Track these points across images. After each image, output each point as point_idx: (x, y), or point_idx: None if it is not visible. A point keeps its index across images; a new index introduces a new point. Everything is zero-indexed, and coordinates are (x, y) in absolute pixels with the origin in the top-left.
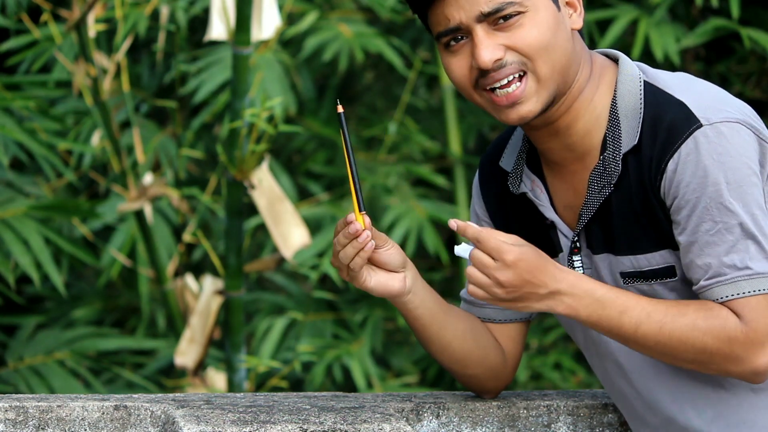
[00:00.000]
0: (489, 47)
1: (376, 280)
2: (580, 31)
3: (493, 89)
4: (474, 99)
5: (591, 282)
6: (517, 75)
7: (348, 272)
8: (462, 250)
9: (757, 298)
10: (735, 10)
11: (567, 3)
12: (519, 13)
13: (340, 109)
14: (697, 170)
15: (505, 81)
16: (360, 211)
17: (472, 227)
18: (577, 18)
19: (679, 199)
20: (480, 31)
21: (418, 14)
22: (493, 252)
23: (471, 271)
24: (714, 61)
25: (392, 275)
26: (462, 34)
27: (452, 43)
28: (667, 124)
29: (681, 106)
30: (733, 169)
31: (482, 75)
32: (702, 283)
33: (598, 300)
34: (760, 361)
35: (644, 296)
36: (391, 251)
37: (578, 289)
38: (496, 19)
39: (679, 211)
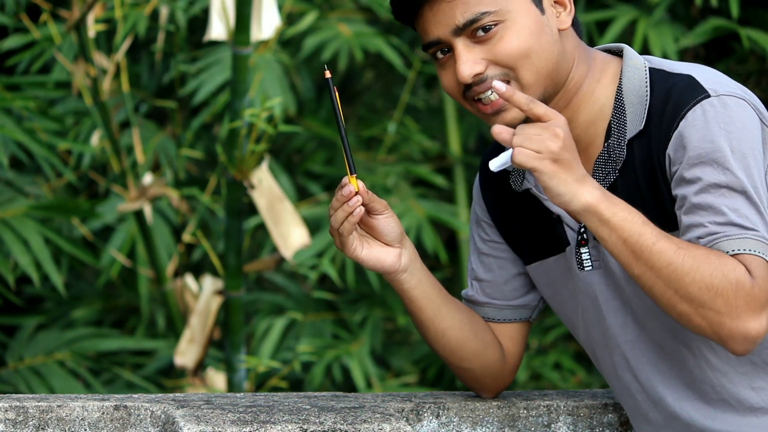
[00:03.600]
0: (468, 62)
1: (367, 252)
2: (578, 28)
3: (479, 98)
4: (466, 107)
5: None
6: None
7: (339, 239)
8: (500, 158)
9: (763, 262)
10: (734, 10)
11: (555, 2)
12: (496, 23)
13: (328, 74)
14: (704, 136)
15: (489, 92)
16: (351, 174)
17: (519, 94)
18: (566, 17)
19: (685, 163)
20: (459, 45)
21: (410, 26)
22: (547, 112)
23: (519, 137)
24: (713, 61)
25: (386, 249)
26: (445, 46)
27: (439, 55)
28: (676, 95)
29: (689, 78)
30: (739, 140)
31: (467, 88)
32: (707, 239)
33: (625, 202)
34: (752, 325)
35: None
36: (389, 220)
37: (605, 190)
38: (473, 31)
39: (684, 175)
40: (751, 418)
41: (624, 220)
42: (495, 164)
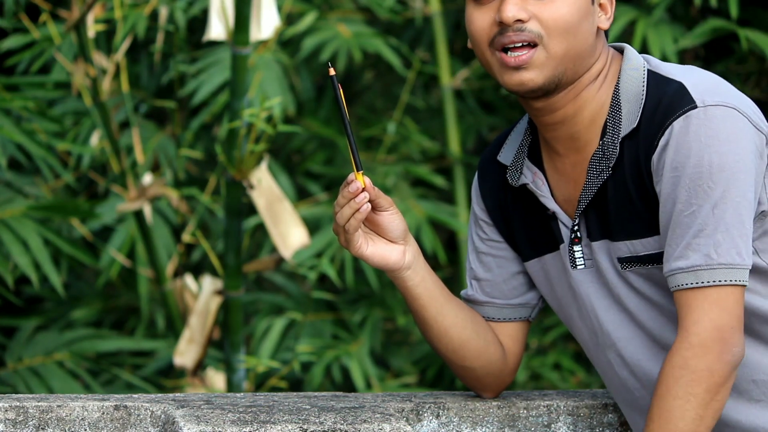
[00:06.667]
0: (517, 4)
1: (372, 249)
2: (606, 35)
3: (506, 51)
4: (484, 56)
5: None
6: (530, 43)
7: (344, 236)
8: None
9: (717, 289)
10: (734, 10)
11: (600, 4)
12: None
13: (332, 71)
14: (681, 149)
15: (519, 44)
16: (358, 170)
17: None
18: (605, 20)
19: (665, 176)
20: None
21: None
22: None
23: None
24: (713, 61)
25: (391, 246)
26: None
27: None
28: (665, 103)
29: (679, 86)
30: (720, 153)
31: (500, 32)
32: (669, 266)
33: None
34: (736, 350)
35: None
36: (394, 217)
37: None
38: None
39: (661, 189)
40: (752, 410)
41: None
42: None
